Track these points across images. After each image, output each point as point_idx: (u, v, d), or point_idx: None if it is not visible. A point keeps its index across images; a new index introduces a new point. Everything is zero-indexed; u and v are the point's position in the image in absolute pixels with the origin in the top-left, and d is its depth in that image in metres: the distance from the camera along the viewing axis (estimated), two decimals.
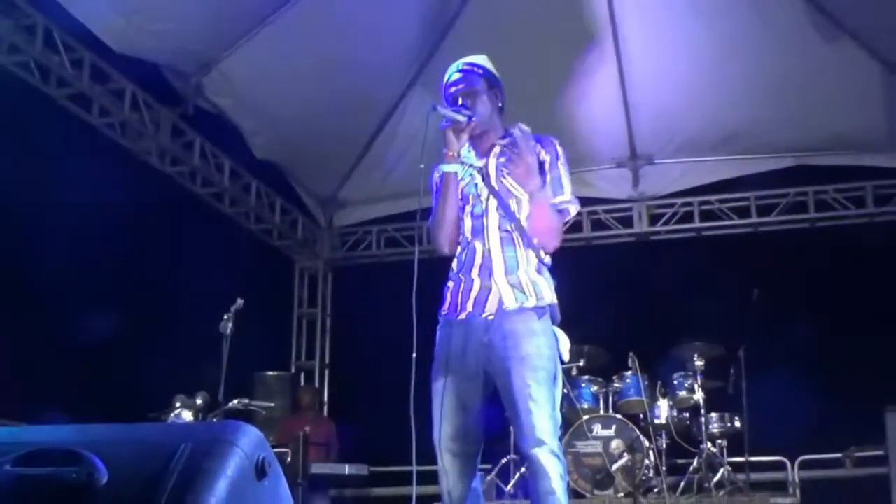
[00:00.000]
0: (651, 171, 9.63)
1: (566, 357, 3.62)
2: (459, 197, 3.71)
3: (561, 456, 3.43)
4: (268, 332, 10.02)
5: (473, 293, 3.61)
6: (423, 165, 3.66)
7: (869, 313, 8.97)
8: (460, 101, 3.69)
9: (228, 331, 6.19)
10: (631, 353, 7.40)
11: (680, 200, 9.76)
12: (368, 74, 8.52)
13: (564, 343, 3.60)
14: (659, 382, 7.53)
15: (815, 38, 7.86)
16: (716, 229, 9.80)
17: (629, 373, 7.54)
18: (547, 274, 3.66)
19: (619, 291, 9.24)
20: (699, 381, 7.38)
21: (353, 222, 10.56)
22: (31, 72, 6.95)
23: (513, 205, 3.66)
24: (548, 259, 3.68)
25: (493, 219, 3.65)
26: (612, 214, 9.95)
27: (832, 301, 9.24)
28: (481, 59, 3.83)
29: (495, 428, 4.56)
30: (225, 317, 6.24)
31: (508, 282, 3.57)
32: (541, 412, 3.41)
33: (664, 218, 9.84)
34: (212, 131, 8.62)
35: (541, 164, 3.65)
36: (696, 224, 9.79)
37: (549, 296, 3.60)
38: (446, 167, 3.66)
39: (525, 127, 3.69)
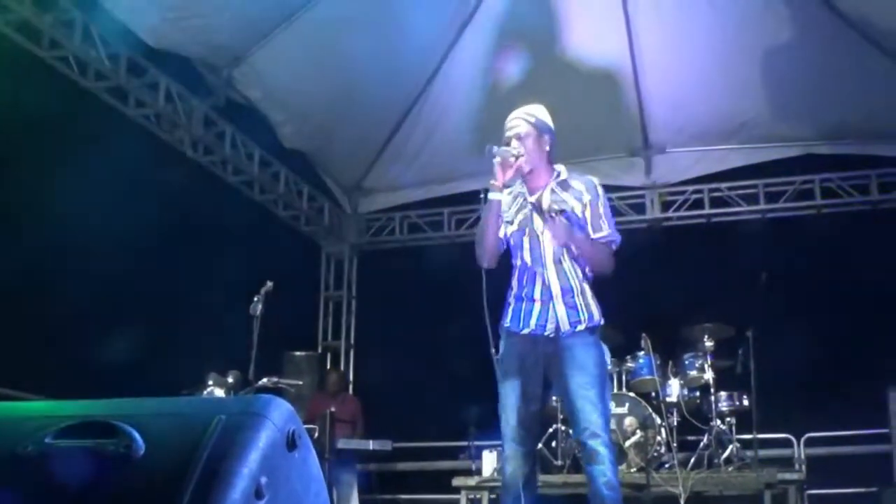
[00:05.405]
0: (663, 159, 9.55)
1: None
2: (517, 228, 4.10)
3: (611, 445, 3.92)
4: (296, 313, 10.04)
5: (535, 312, 4.03)
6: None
7: (872, 297, 8.91)
8: (512, 142, 4.03)
9: (258, 312, 6.20)
10: (644, 334, 7.36)
11: (691, 188, 9.68)
12: (392, 68, 8.48)
13: (607, 353, 3.97)
14: (670, 362, 7.48)
15: (823, 33, 7.77)
16: (725, 216, 9.71)
17: (642, 353, 7.49)
18: (592, 292, 4.09)
19: (632, 275, 9.13)
20: (709, 361, 7.32)
21: (378, 209, 10.53)
22: (70, 66, 6.95)
23: None
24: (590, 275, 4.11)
25: (549, 248, 4.04)
26: (626, 201, 9.84)
27: (837, 285, 9.18)
28: (535, 109, 4.17)
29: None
30: (255, 299, 6.25)
31: (565, 303, 4.01)
32: (595, 410, 3.89)
33: (676, 205, 9.76)
34: (242, 122, 8.62)
35: (584, 204, 4.04)
36: (707, 210, 9.70)
37: (598, 316, 4.06)
38: (491, 195, 4.01)
39: (563, 171, 4.15)
